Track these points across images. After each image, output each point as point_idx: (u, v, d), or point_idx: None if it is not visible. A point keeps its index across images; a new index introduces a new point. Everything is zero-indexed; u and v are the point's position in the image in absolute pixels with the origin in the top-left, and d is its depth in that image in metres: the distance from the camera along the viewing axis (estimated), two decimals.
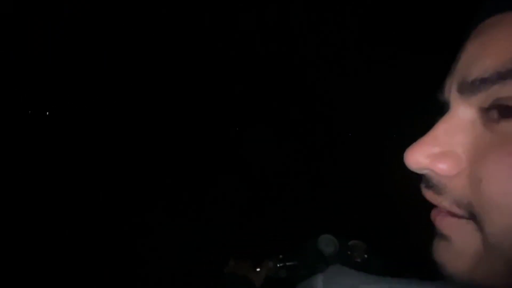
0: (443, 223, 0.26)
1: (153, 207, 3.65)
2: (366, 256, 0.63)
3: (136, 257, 2.46)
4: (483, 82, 0.22)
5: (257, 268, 0.67)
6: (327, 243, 0.66)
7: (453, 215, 0.25)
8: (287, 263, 0.66)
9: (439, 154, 0.25)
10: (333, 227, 0.69)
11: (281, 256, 0.67)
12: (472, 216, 0.23)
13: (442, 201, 0.25)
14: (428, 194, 0.27)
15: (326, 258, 0.65)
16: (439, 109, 0.28)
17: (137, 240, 2.74)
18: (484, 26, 0.25)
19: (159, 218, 3.23)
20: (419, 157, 0.25)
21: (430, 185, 0.26)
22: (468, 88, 0.24)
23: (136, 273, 2.27)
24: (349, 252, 0.64)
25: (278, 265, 0.66)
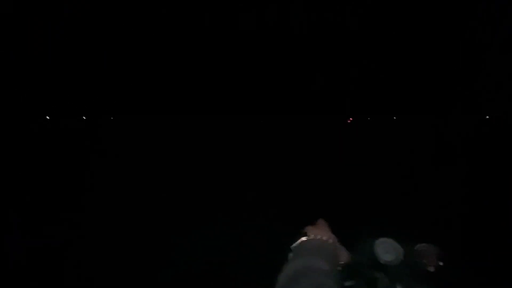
0: None
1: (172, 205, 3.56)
2: (440, 263, 0.49)
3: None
4: None
5: None
6: (386, 250, 0.52)
7: None
8: (346, 284, 0.50)
9: None
10: (393, 227, 0.54)
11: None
12: None
13: None
14: None
15: (388, 268, 0.50)
16: None
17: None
18: None
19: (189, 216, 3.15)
20: None
21: None
22: None
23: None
24: (417, 260, 0.49)
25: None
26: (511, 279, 1.66)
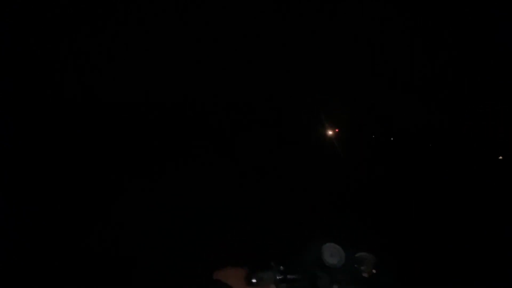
0: None
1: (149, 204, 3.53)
2: (374, 271, 0.56)
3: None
4: None
5: (253, 279, 0.58)
6: (331, 253, 0.59)
7: None
8: (288, 276, 0.57)
9: None
10: (339, 235, 0.61)
11: (281, 267, 0.58)
12: None
13: None
14: None
15: (330, 270, 0.57)
16: None
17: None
18: None
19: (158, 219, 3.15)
20: None
21: None
22: None
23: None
24: (356, 265, 0.57)
25: (277, 278, 0.58)
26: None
